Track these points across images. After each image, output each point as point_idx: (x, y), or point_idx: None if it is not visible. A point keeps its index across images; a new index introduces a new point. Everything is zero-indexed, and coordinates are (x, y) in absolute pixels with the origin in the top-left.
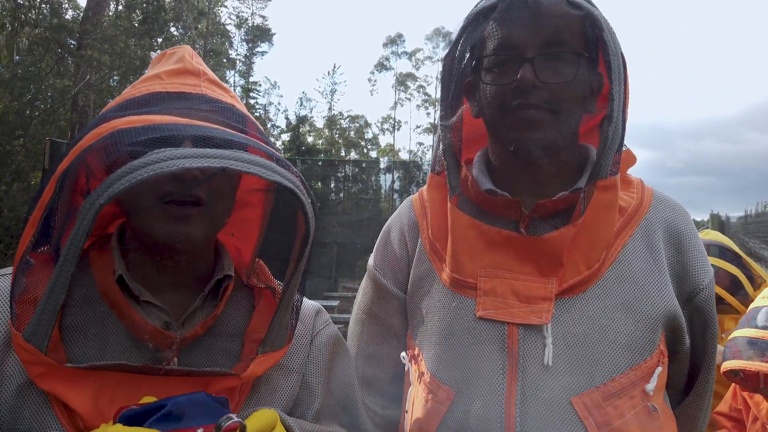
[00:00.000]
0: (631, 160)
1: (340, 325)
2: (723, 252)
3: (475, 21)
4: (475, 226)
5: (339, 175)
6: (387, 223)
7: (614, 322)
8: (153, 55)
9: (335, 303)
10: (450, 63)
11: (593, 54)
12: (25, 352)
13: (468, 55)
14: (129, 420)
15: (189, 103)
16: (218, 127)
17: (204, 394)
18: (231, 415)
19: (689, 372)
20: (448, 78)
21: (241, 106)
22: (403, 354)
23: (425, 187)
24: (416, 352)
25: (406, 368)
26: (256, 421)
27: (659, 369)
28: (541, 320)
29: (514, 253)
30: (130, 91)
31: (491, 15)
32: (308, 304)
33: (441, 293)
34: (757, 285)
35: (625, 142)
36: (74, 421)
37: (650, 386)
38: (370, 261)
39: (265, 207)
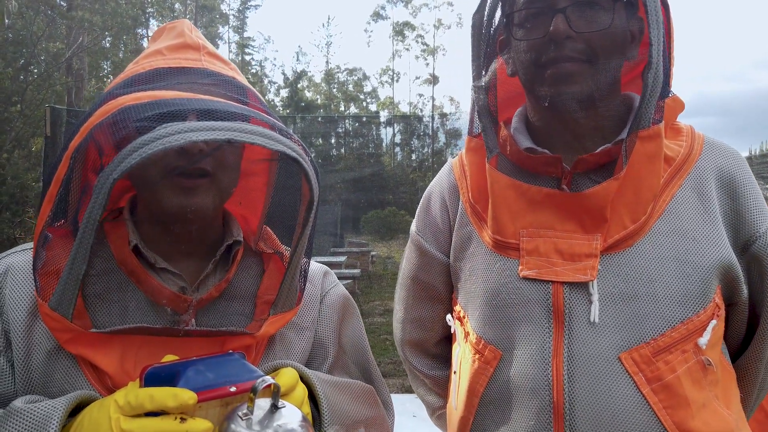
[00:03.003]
0: (679, 106)
1: (348, 281)
2: None
3: None
4: (514, 186)
5: (339, 130)
6: (428, 188)
7: (664, 276)
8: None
9: (342, 259)
10: (479, 21)
11: None
12: (52, 320)
13: (498, 12)
14: (155, 377)
15: (191, 77)
16: (221, 100)
17: (236, 355)
18: (266, 378)
19: (749, 322)
20: (477, 37)
21: (241, 78)
22: (448, 316)
23: (464, 150)
24: (461, 314)
25: (452, 329)
26: (285, 380)
27: (713, 322)
28: (587, 277)
29: (556, 211)
30: (134, 68)
31: None
32: (316, 267)
33: (484, 255)
34: None
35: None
36: (102, 380)
37: (703, 340)
38: (413, 226)
39: (269, 176)
